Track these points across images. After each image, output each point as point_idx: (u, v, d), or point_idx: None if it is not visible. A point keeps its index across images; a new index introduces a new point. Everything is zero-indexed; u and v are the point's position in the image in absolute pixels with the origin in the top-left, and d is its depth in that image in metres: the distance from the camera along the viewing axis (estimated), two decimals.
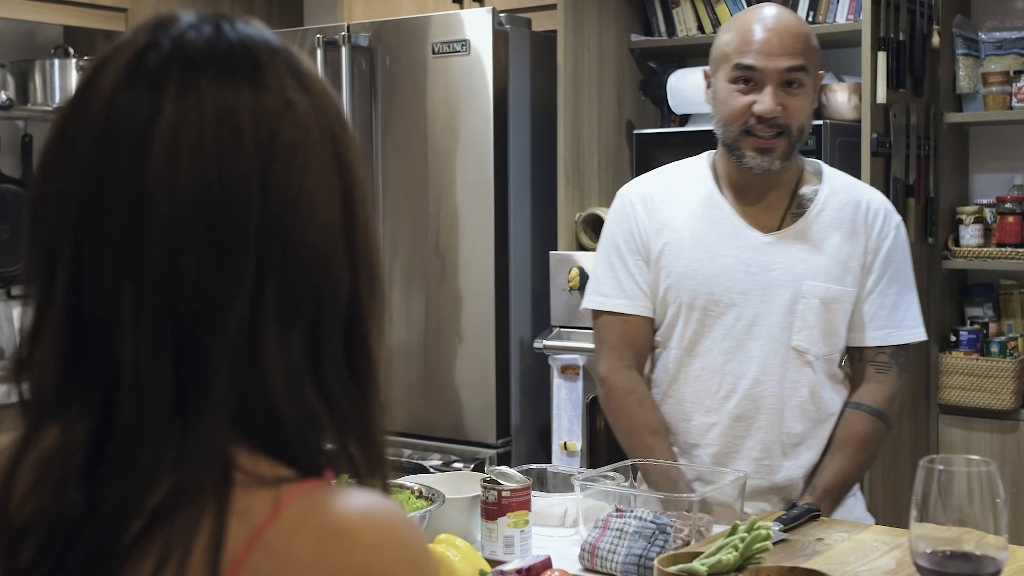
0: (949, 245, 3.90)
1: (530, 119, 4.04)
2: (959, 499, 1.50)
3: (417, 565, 0.88)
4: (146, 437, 0.86)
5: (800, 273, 2.39)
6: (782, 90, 2.34)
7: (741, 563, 1.85)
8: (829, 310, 2.40)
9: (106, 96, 0.89)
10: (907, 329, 2.46)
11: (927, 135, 3.81)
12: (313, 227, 0.90)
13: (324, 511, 0.86)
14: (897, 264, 2.44)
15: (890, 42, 3.61)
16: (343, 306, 0.93)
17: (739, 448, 2.43)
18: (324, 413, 0.91)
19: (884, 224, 2.44)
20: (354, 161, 0.95)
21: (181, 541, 0.83)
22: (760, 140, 2.36)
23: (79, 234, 0.88)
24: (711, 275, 2.41)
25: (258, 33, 0.94)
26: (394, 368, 4.14)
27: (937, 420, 3.87)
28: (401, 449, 4.11)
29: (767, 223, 2.43)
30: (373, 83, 4.11)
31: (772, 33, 2.34)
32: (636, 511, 2.10)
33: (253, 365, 0.88)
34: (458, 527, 2.16)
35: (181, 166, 0.86)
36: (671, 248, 2.45)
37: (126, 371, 0.86)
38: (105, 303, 0.87)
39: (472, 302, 3.98)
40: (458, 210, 3.98)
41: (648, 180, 2.57)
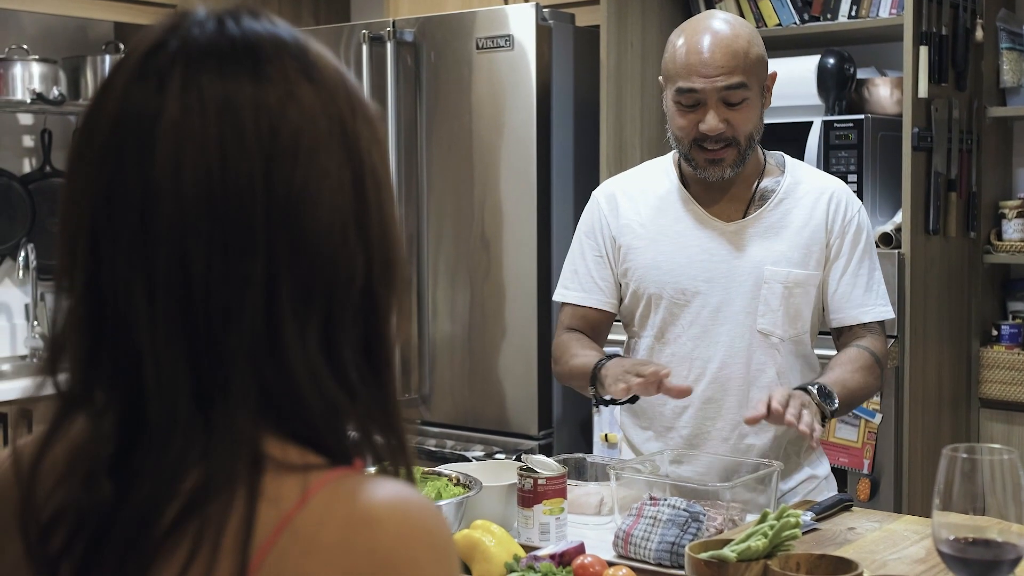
0: (991, 239, 3.89)
1: (573, 114, 4.08)
2: (982, 487, 1.52)
3: (441, 554, 0.89)
4: (173, 429, 0.88)
5: (762, 259, 2.46)
6: (724, 106, 2.40)
7: (770, 550, 1.87)
8: (792, 294, 2.46)
9: (118, 96, 0.91)
10: (880, 307, 2.54)
11: (970, 129, 3.81)
12: (321, 217, 0.91)
13: (352, 499, 0.88)
14: (863, 247, 2.52)
15: (932, 36, 3.61)
16: (358, 295, 0.94)
17: (710, 429, 2.50)
18: (345, 402, 0.93)
19: (847, 209, 2.51)
20: (367, 149, 0.95)
21: (214, 527, 0.85)
22: (709, 153, 2.43)
23: (94, 231, 0.91)
24: (676, 265, 2.50)
25: (264, 27, 0.94)
26: (438, 361, 4.19)
27: (978, 414, 3.87)
28: (444, 440, 4.16)
29: (731, 215, 2.51)
30: (418, 78, 4.16)
31: (707, 53, 2.38)
32: (670, 499, 2.14)
33: (274, 356, 0.89)
34: (495, 514, 2.19)
35: (185, 163, 0.88)
36: (638, 242, 2.54)
37: (147, 365, 0.88)
38: (120, 299, 0.89)
39: (515, 296, 4.01)
40: (502, 205, 4.01)
41: (616, 180, 2.68)
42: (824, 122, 3.70)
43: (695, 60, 2.39)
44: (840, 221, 2.49)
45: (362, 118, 0.96)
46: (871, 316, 2.51)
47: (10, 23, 4.60)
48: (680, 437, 2.51)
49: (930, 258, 3.67)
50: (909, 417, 3.59)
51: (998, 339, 3.90)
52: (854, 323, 2.51)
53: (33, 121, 4.76)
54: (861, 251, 2.51)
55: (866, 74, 3.91)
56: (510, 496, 2.24)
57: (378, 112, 1.00)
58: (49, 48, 4.66)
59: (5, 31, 4.58)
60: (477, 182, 4.05)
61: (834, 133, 3.67)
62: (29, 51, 4.49)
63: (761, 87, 2.45)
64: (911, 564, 1.98)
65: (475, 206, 4.07)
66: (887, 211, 3.72)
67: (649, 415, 2.56)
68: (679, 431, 2.51)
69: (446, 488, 2.20)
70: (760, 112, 2.45)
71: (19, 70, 4.43)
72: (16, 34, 4.60)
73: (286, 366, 0.90)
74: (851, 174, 3.63)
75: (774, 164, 2.56)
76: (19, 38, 4.58)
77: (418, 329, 4.23)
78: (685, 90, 2.40)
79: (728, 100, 2.39)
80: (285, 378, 0.90)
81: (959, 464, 1.53)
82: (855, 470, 3.61)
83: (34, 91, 4.41)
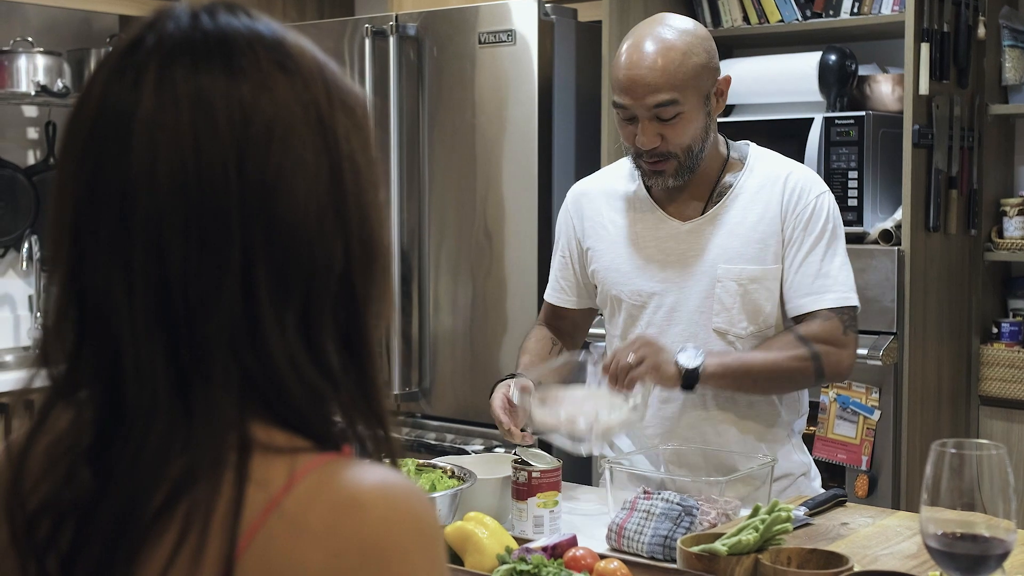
0: (992, 237, 3.89)
1: (575, 109, 4.08)
2: (970, 482, 1.52)
3: (428, 539, 0.90)
4: (153, 418, 0.89)
5: (715, 258, 2.44)
6: (657, 122, 2.36)
7: (761, 544, 1.88)
8: (748, 290, 2.42)
9: (99, 92, 0.93)
10: (834, 293, 2.42)
11: (971, 127, 3.81)
12: (296, 205, 0.92)
13: (339, 483, 0.89)
14: (818, 232, 2.42)
15: (934, 33, 3.61)
16: (336, 283, 0.94)
17: (674, 427, 2.49)
18: (328, 389, 0.94)
19: (802, 196, 2.43)
20: (344, 136, 0.96)
21: (202, 510, 0.87)
22: (649, 164, 2.42)
23: (76, 224, 0.92)
24: (633, 268, 2.51)
25: (240, 21, 0.95)
26: (439, 354, 4.20)
27: (978, 412, 3.88)
28: (444, 434, 4.17)
29: (689, 214, 2.49)
30: (420, 72, 4.16)
31: (636, 72, 2.34)
32: (663, 493, 2.14)
33: (253, 343, 0.90)
34: (489, 507, 2.20)
35: (159, 156, 0.89)
36: (600, 244, 2.57)
37: (127, 356, 0.90)
38: (100, 290, 0.91)
39: (516, 290, 4.02)
40: (504, 199, 4.02)
41: (584, 181, 2.69)
42: (825, 119, 3.70)
43: (625, 77, 2.36)
44: (793, 207, 2.43)
45: (340, 106, 0.96)
46: (824, 303, 2.40)
47: (15, 15, 4.62)
48: (646, 436, 2.51)
49: (930, 255, 3.68)
50: (908, 414, 3.59)
51: (998, 337, 3.90)
52: (801, 312, 2.42)
53: (37, 113, 4.78)
54: (814, 238, 2.41)
55: (868, 71, 3.91)
56: (504, 489, 2.25)
57: (361, 101, 1.00)
58: (53, 40, 4.67)
59: (10, 23, 4.59)
60: (479, 176, 4.06)
61: (835, 130, 3.67)
62: (34, 43, 4.51)
63: (703, 97, 2.38)
64: (903, 559, 1.98)
65: (477, 200, 4.07)
66: (888, 208, 3.72)
67: None
68: (646, 429, 2.51)
69: (440, 480, 2.21)
70: (703, 122, 2.39)
71: (24, 62, 4.45)
72: (21, 26, 4.62)
73: (266, 353, 0.91)
74: (852, 171, 3.63)
75: (737, 158, 2.51)
76: (24, 30, 4.59)
77: (419, 323, 4.24)
78: (619, 105, 2.39)
79: (660, 117, 2.35)
80: (266, 365, 0.91)
81: (948, 459, 1.53)
82: (853, 466, 3.62)
83: (38, 83, 4.43)
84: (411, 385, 4.26)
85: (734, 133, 3.55)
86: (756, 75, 3.97)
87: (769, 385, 2.44)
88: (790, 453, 2.53)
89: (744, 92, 4.00)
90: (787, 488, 2.49)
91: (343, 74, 1.00)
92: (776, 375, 2.40)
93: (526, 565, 1.83)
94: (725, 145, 2.52)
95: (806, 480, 2.55)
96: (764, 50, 4.19)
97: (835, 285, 2.42)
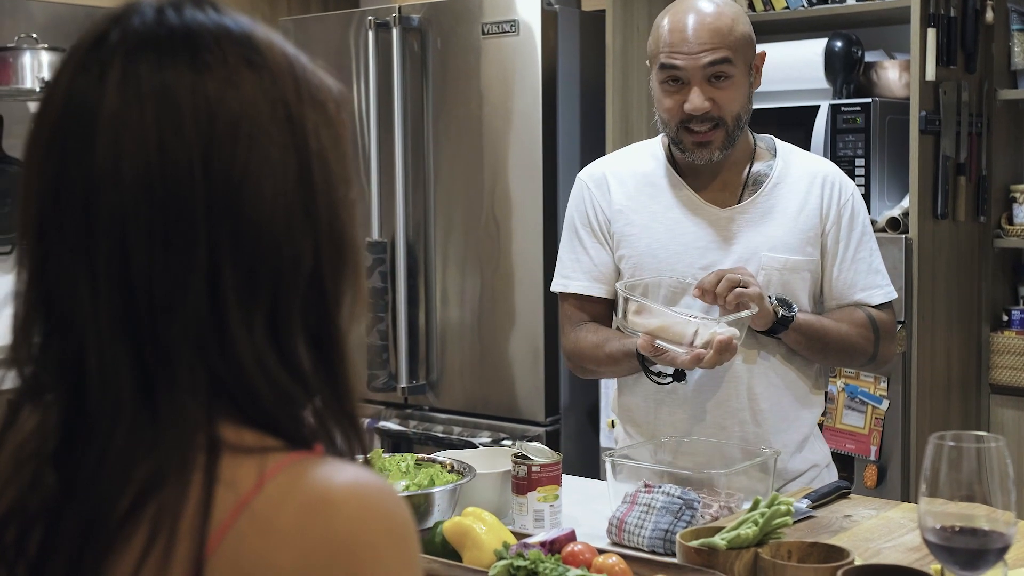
0: (1002, 224, 3.86)
1: (579, 99, 4.06)
2: (968, 475, 1.50)
3: (400, 538, 0.89)
4: (117, 422, 0.88)
5: (759, 245, 2.43)
6: (709, 85, 2.36)
7: (761, 538, 1.86)
8: (788, 279, 2.43)
9: (63, 89, 0.92)
10: (885, 287, 2.50)
11: (979, 112, 3.78)
12: (263, 203, 0.90)
13: (309, 482, 0.88)
14: (861, 229, 2.48)
15: (940, 18, 3.58)
16: (306, 282, 0.93)
17: (704, 417, 2.46)
18: (297, 391, 0.93)
19: (840, 193, 2.47)
20: (314, 132, 0.95)
21: (170, 512, 0.86)
22: (697, 135, 2.39)
23: (41, 222, 0.91)
24: (673, 253, 2.45)
25: (207, 16, 0.94)
26: (447, 347, 4.18)
27: (988, 400, 3.85)
28: (451, 427, 4.15)
29: (725, 201, 2.47)
30: (424, 64, 4.14)
31: (690, 31, 2.35)
32: (664, 487, 2.12)
33: (220, 345, 0.89)
34: (490, 501, 2.19)
35: (123, 154, 0.88)
36: (631, 229, 2.49)
37: (90, 357, 0.89)
38: (64, 292, 0.90)
39: (523, 282, 4.00)
40: (510, 191, 4.00)
41: (603, 162, 2.61)
42: (831, 106, 3.67)
43: (677, 38, 2.36)
44: (835, 205, 2.46)
45: (310, 101, 0.95)
46: (878, 298, 2.48)
47: (19, 12, 4.61)
48: (675, 425, 2.48)
49: (938, 243, 3.65)
50: (917, 403, 3.57)
51: (1008, 324, 3.87)
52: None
53: None
54: (859, 234, 2.47)
55: (874, 57, 3.88)
56: (504, 483, 2.23)
57: (334, 95, 0.99)
58: (58, 37, 4.66)
59: (14, 20, 4.58)
60: (487, 168, 4.04)
61: (841, 117, 3.64)
62: (38, 40, 4.49)
63: (748, 66, 2.41)
64: (905, 552, 1.96)
65: (484, 192, 4.05)
66: (895, 195, 3.70)
67: (643, 404, 2.53)
68: (673, 418, 2.49)
69: (440, 475, 2.19)
70: (747, 93, 2.41)
71: (28, 59, 4.44)
72: (25, 23, 4.61)
73: (233, 355, 0.90)
74: (858, 158, 3.61)
75: (764, 148, 2.52)
76: (28, 27, 4.58)
77: (426, 315, 4.22)
78: (668, 67, 2.37)
79: (713, 77, 2.35)
80: (233, 367, 0.90)
81: (945, 452, 1.51)
82: (862, 456, 3.60)
83: (43, 80, 4.41)
84: (418, 378, 4.25)
85: None
86: None
87: (835, 355, 2.49)
88: (816, 443, 2.54)
89: None
90: (814, 480, 2.48)
91: (315, 68, 0.99)
92: (845, 347, 2.45)
93: (523, 560, 1.81)
94: (752, 135, 2.52)
95: (828, 471, 2.55)
96: (770, 37, 4.14)
97: (884, 279, 2.50)
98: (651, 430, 2.50)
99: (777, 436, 2.44)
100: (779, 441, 2.42)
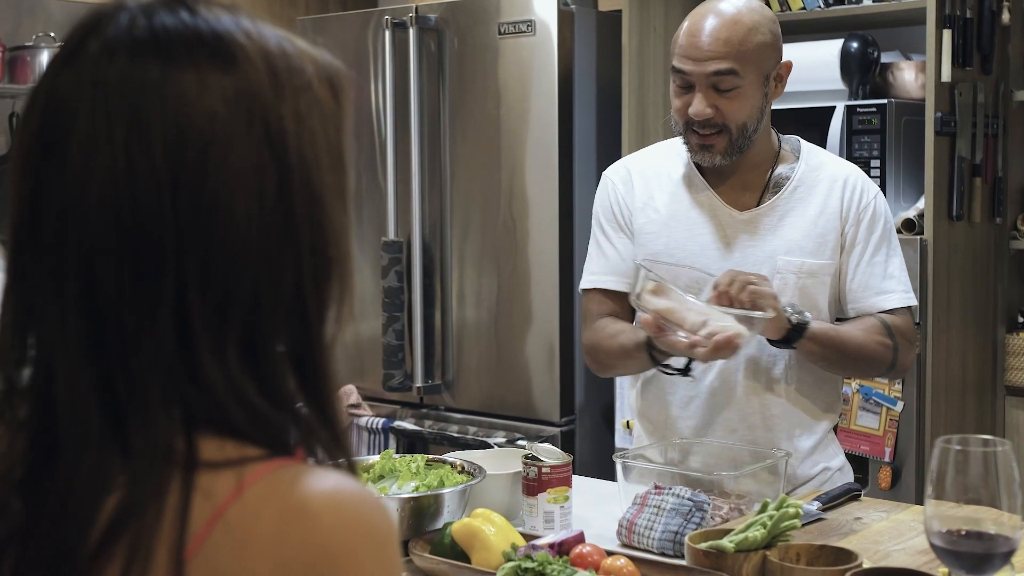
0: (1018, 225, 3.85)
1: (595, 99, 4.06)
2: (975, 479, 1.50)
3: (380, 545, 0.88)
4: (84, 448, 0.87)
5: (775, 249, 2.42)
6: (715, 92, 2.35)
7: (769, 541, 1.86)
8: (805, 284, 2.41)
9: (41, 105, 0.90)
10: (901, 293, 2.46)
11: (995, 114, 3.77)
12: (235, 231, 0.88)
13: (288, 490, 0.87)
14: (881, 233, 2.46)
15: (956, 19, 3.57)
16: (285, 301, 0.91)
17: (717, 420, 2.46)
18: (274, 413, 0.91)
19: (862, 196, 2.45)
20: (295, 140, 0.91)
21: (147, 538, 0.84)
22: (700, 137, 2.39)
23: (17, 246, 0.90)
24: (689, 253, 2.45)
25: (178, 19, 0.91)
26: (464, 347, 4.19)
27: (1004, 402, 3.83)
28: (467, 427, 4.16)
29: (745, 203, 2.46)
30: (441, 64, 4.15)
31: (702, 37, 2.34)
32: (675, 488, 2.12)
33: (191, 374, 0.88)
34: (500, 502, 2.19)
35: (93, 180, 0.87)
36: (651, 226, 2.49)
37: (59, 384, 0.87)
38: (34, 315, 0.89)
39: (539, 282, 4.01)
40: (526, 190, 4.01)
41: (628, 160, 2.62)
42: (847, 107, 3.66)
43: (688, 42, 2.36)
44: (856, 208, 2.44)
45: (290, 92, 0.92)
46: (892, 303, 2.45)
47: (37, 10, 4.63)
48: (688, 427, 2.49)
49: (953, 244, 3.64)
50: (932, 405, 3.56)
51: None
52: (874, 311, 2.44)
53: None
54: (878, 238, 2.45)
55: (890, 58, 3.87)
56: (515, 484, 2.24)
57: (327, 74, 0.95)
58: None
59: (32, 18, 4.60)
60: (504, 168, 4.05)
61: (857, 118, 3.64)
62: (55, 38, 4.51)
63: (764, 77, 2.38)
64: (914, 555, 1.96)
65: (502, 193, 4.06)
66: (911, 197, 3.69)
67: (657, 405, 2.54)
68: (686, 421, 2.49)
69: (450, 476, 2.20)
70: (759, 102, 2.38)
71: (46, 58, 4.45)
72: (43, 21, 4.62)
73: (206, 383, 0.88)
74: (874, 159, 3.60)
75: (789, 150, 2.50)
76: (46, 25, 4.59)
77: (442, 315, 4.23)
78: (677, 70, 2.37)
79: (718, 86, 2.34)
80: (206, 394, 0.88)
81: (952, 456, 1.51)
82: (876, 458, 3.59)
83: None
84: (434, 378, 4.26)
85: None
86: None
87: (852, 365, 2.48)
88: (829, 446, 2.53)
89: None
90: (826, 483, 2.47)
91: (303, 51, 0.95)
92: (862, 357, 2.42)
93: (531, 563, 1.82)
94: (776, 136, 2.51)
95: (841, 475, 2.53)
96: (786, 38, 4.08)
97: (901, 284, 2.47)
98: (663, 432, 2.51)
99: (789, 443, 2.43)
100: (790, 447, 2.42)
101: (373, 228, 4.30)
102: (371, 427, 4.27)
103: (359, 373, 4.38)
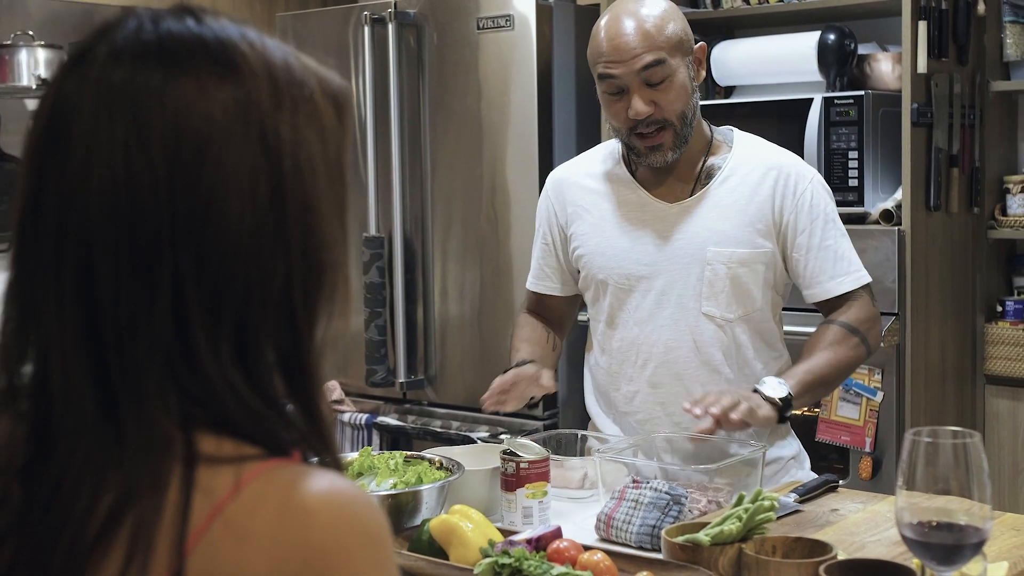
0: (996, 215, 3.87)
1: (575, 92, 4.07)
2: (945, 470, 1.51)
3: (374, 544, 0.90)
4: (78, 438, 0.88)
5: (704, 240, 2.44)
6: (649, 88, 2.37)
7: (745, 534, 1.87)
8: (737, 274, 2.43)
9: (50, 102, 0.93)
10: (855, 273, 2.48)
11: (972, 104, 3.78)
12: (228, 229, 0.90)
13: (285, 489, 0.89)
14: (824, 217, 2.45)
15: (931, 11, 3.58)
16: (275, 304, 0.93)
17: (661, 414, 2.49)
18: (267, 411, 0.93)
19: (796, 183, 2.45)
20: (291, 147, 0.93)
21: (147, 527, 0.86)
22: (647, 140, 2.41)
23: (20, 237, 0.93)
24: (621, 250, 2.49)
25: (184, 26, 0.94)
26: (446, 341, 4.20)
27: (984, 390, 3.86)
28: (450, 421, 4.17)
29: (676, 195, 2.49)
30: (421, 59, 4.15)
31: (620, 39, 2.36)
32: (652, 482, 2.13)
33: (189, 365, 0.90)
34: (479, 498, 2.20)
35: (93, 173, 0.89)
36: (584, 228, 2.55)
37: (54, 373, 0.89)
38: (34, 307, 0.91)
39: (521, 276, 3.98)
40: (507, 184, 4.01)
41: (564, 166, 2.68)
42: (824, 99, 3.67)
43: (611, 46, 2.37)
44: (792, 196, 2.44)
45: (289, 103, 0.94)
46: (847, 286, 2.46)
47: (16, 8, 4.62)
48: (635, 422, 2.52)
49: (931, 234, 3.65)
50: (912, 395, 3.58)
51: (1003, 315, 3.88)
52: (830, 296, 2.46)
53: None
54: (823, 222, 2.44)
55: (868, 49, 3.88)
56: (493, 480, 2.25)
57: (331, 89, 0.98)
58: (55, 34, 4.66)
59: (11, 17, 4.59)
60: (484, 161, 4.05)
61: (834, 110, 3.65)
62: (35, 37, 4.50)
63: (687, 63, 2.41)
64: (889, 546, 1.97)
65: (481, 186, 4.06)
66: (888, 188, 3.70)
67: (607, 399, 2.59)
68: (633, 415, 2.52)
69: (428, 472, 2.20)
70: (690, 89, 2.41)
71: (24, 56, 4.44)
72: (22, 20, 4.61)
73: (202, 375, 0.90)
74: (852, 151, 3.61)
75: (721, 140, 2.52)
76: (25, 24, 4.59)
77: (424, 310, 4.24)
78: (606, 76, 2.39)
79: (649, 81, 2.36)
80: (203, 386, 0.90)
81: (922, 448, 1.52)
82: (857, 448, 3.61)
83: (39, 77, 4.42)
84: (416, 373, 4.26)
85: (735, 114, 3.54)
86: (755, 56, 3.95)
87: (839, 382, 2.56)
88: (786, 436, 2.54)
89: (743, 73, 3.98)
90: (776, 473, 2.48)
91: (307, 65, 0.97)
92: (843, 372, 2.48)
93: (508, 558, 1.83)
94: (708, 128, 2.52)
95: (795, 464, 2.54)
96: (763, 30, 4.16)
97: (852, 265, 2.48)
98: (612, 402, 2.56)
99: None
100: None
101: (354, 224, 4.30)
102: (354, 423, 4.28)
103: (342, 369, 4.39)
